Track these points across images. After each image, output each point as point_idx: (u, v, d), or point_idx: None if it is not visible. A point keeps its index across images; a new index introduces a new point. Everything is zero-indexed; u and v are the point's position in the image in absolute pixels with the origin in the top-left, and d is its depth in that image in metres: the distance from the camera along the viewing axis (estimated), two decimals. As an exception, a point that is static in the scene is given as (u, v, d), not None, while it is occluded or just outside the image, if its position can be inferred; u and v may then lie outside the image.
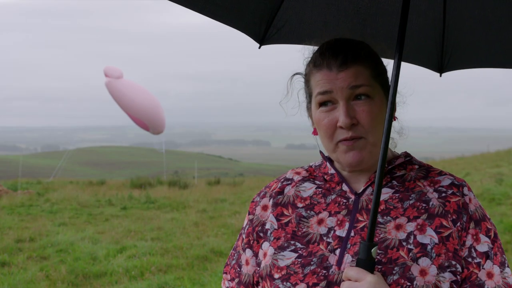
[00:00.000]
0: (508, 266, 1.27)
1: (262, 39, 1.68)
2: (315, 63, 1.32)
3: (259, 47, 1.70)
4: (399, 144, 1.43)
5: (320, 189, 1.37)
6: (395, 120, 1.36)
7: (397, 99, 1.38)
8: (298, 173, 1.45)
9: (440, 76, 1.84)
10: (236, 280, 1.43)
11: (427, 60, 1.81)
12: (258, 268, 1.38)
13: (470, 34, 1.69)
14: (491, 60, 1.80)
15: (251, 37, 1.66)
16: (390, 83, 1.30)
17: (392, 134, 1.40)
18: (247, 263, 1.41)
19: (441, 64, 1.79)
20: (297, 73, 1.40)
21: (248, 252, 1.42)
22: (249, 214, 1.45)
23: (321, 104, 1.30)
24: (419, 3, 1.60)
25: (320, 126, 1.31)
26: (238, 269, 1.43)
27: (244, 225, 1.46)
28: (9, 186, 16.55)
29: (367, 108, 1.26)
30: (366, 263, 1.16)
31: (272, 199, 1.41)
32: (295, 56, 1.41)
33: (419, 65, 1.83)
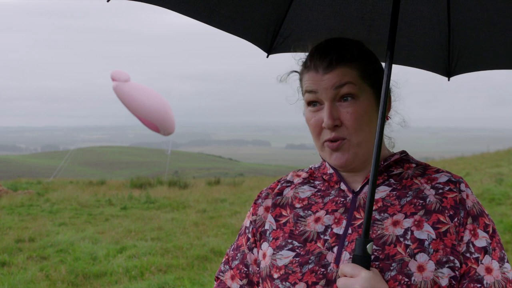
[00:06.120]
0: (507, 261, 1.26)
1: (270, 49, 1.71)
2: (305, 64, 1.36)
3: (267, 56, 1.73)
4: (398, 142, 1.44)
5: (318, 192, 1.39)
6: (387, 120, 1.38)
7: (392, 98, 1.39)
8: (298, 176, 1.47)
9: (448, 80, 1.85)
10: (245, 280, 1.42)
11: (435, 64, 1.81)
12: (258, 269, 1.38)
13: (476, 36, 1.69)
14: (497, 62, 1.79)
15: (258, 46, 1.68)
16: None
17: (394, 128, 1.42)
18: (255, 262, 1.42)
19: (448, 68, 1.79)
20: (293, 71, 1.42)
21: (257, 252, 1.42)
22: (252, 215, 1.46)
23: (309, 103, 1.34)
24: (422, 8, 1.60)
25: (308, 125, 1.35)
26: (245, 269, 1.43)
27: (248, 225, 1.46)
28: (9, 186, 16.54)
29: (351, 109, 1.28)
30: (362, 259, 1.17)
31: (271, 200, 1.44)
32: (295, 56, 1.43)
33: (427, 70, 1.83)
